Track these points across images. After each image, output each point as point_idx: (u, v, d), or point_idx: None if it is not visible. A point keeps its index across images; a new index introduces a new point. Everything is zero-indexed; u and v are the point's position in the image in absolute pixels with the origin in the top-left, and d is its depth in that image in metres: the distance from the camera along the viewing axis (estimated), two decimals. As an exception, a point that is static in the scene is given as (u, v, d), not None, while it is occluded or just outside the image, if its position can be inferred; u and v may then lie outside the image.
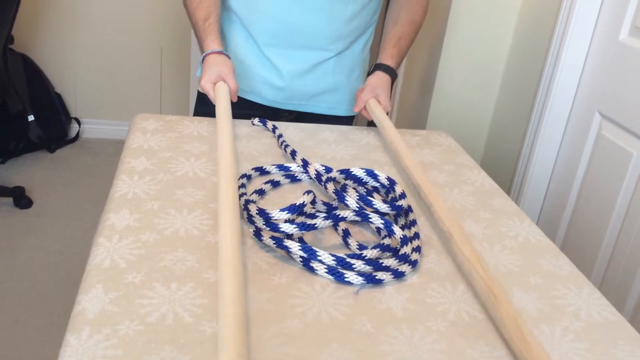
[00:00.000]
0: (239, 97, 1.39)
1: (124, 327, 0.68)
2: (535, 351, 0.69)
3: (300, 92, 1.39)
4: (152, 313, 0.71)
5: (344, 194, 0.95)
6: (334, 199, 0.96)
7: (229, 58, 1.30)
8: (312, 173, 1.05)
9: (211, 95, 1.25)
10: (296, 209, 0.89)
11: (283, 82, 1.36)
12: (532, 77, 1.86)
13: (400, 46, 1.40)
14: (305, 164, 1.08)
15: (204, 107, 1.40)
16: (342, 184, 1.03)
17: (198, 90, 1.47)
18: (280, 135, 1.22)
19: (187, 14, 1.34)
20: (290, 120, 1.41)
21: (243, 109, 1.37)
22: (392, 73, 1.38)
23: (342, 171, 1.03)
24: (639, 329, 0.81)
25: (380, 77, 1.36)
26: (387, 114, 1.34)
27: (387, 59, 1.39)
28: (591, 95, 1.68)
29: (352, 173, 1.03)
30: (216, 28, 1.31)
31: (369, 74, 1.40)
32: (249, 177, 1.06)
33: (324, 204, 0.97)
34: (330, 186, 0.97)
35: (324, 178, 1.01)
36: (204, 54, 1.29)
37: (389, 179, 1.01)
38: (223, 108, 1.19)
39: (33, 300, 1.98)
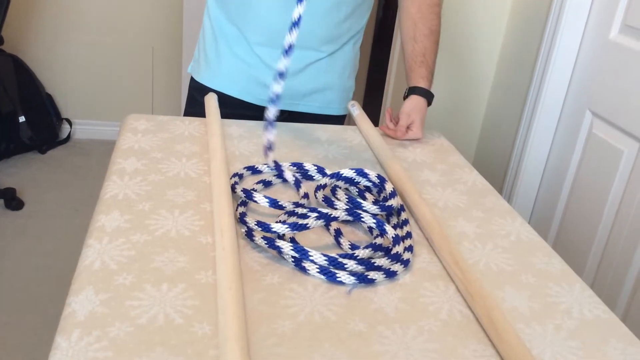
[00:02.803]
0: (231, 97, 1.38)
1: (115, 328, 0.67)
2: (510, 344, 0.70)
3: (292, 92, 1.38)
4: (142, 314, 0.70)
5: (333, 200, 0.95)
6: (325, 206, 0.97)
7: None
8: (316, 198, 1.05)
9: None
10: (278, 206, 0.89)
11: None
12: (524, 75, 1.87)
13: (427, 63, 1.35)
14: (298, 182, 1.06)
15: (194, 107, 1.39)
16: (333, 185, 1.03)
17: (188, 91, 1.47)
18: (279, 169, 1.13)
19: None
20: (282, 120, 1.40)
21: (235, 108, 1.37)
22: (427, 95, 1.34)
23: (332, 175, 1.02)
24: (631, 327, 0.81)
25: (415, 102, 1.32)
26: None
27: (418, 80, 1.34)
28: (582, 94, 1.69)
29: (343, 175, 1.03)
30: None
31: (405, 97, 1.36)
32: (240, 177, 1.06)
33: (311, 210, 0.96)
34: (320, 194, 0.97)
35: (312, 188, 1.00)
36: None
37: (379, 176, 1.01)
38: (214, 119, 1.19)
39: (24, 302, 1.97)
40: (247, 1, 1.30)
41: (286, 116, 1.41)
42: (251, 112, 1.37)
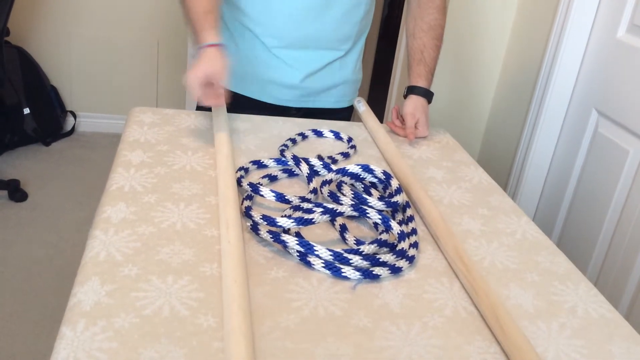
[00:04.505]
0: (249, 98, 1.37)
1: (120, 319, 0.68)
2: (514, 340, 0.70)
3: (311, 90, 1.38)
4: (148, 306, 0.70)
5: (338, 195, 0.95)
6: (331, 202, 0.97)
7: (225, 52, 1.19)
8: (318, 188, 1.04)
9: (194, 94, 1.11)
10: (284, 200, 0.89)
11: (295, 81, 1.35)
12: (530, 73, 1.86)
13: (425, 60, 1.33)
14: (310, 175, 1.06)
15: (208, 108, 1.38)
16: (338, 181, 1.03)
17: None
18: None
19: (184, 9, 1.23)
20: (299, 116, 1.40)
21: (253, 109, 1.36)
22: (426, 94, 1.33)
23: (338, 171, 1.02)
24: (635, 325, 0.81)
25: (415, 101, 1.32)
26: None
27: (416, 80, 1.34)
28: (588, 93, 1.69)
29: (349, 171, 1.03)
30: (216, 22, 1.20)
31: (404, 96, 1.35)
32: (246, 170, 1.06)
33: (317, 205, 0.96)
34: (326, 190, 0.97)
35: (319, 183, 1.00)
36: (201, 46, 1.15)
37: (384, 172, 1.01)
38: (220, 113, 1.20)
39: (28, 293, 1.98)
40: (265, 11, 1.29)
41: (303, 113, 1.41)
42: (269, 112, 1.37)
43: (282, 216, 0.88)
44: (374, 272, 0.81)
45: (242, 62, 1.35)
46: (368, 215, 0.90)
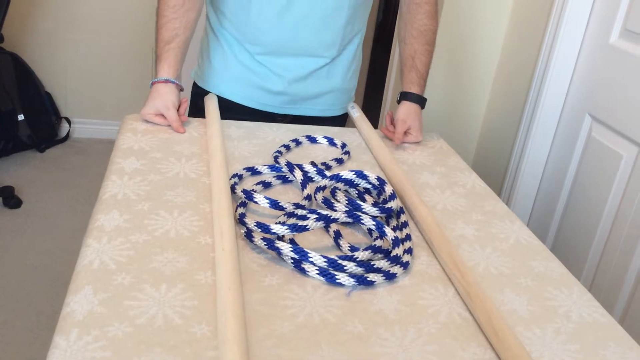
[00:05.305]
0: (233, 102, 1.38)
1: (113, 328, 0.67)
2: (509, 346, 0.70)
3: (296, 96, 1.38)
4: (141, 315, 0.70)
5: (332, 202, 0.95)
6: (325, 208, 0.96)
7: (178, 85, 1.26)
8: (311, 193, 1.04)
9: (156, 121, 1.25)
10: (279, 207, 0.89)
11: (280, 87, 1.35)
12: (523, 79, 1.87)
13: (417, 66, 1.33)
14: (305, 181, 1.06)
15: (198, 114, 1.38)
16: (332, 187, 1.03)
17: (191, 97, 1.46)
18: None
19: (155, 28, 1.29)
20: (286, 122, 1.40)
21: (238, 114, 1.36)
22: (419, 100, 1.33)
23: (332, 177, 1.02)
24: (629, 329, 0.81)
25: (407, 108, 1.32)
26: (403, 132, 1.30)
27: (408, 86, 1.34)
28: (582, 98, 1.69)
29: (343, 177, 1.03)
30: (175, 54, 1.25)
31: (397, 102, 1.35)
32: (240, 177, 1.06)
33: (311, 211, 0.96)
34: (319, 196, 0.97)
35: (313, 190, 1.00)
36: (152, 81, 1.25)
37: (378, 178, 1.01)
38: (214, 120, 1.20)
39: (21, 301, 1.97)
40: (244, 18, 1.29)
41: (290, 119, 1.41)
42: (253, 117, 1.37)
43: (276, 223, 0.88)
44: (368, 279, 0.81)
45: (228, 67, 1.36)
46: (362, 221, 0.90)
